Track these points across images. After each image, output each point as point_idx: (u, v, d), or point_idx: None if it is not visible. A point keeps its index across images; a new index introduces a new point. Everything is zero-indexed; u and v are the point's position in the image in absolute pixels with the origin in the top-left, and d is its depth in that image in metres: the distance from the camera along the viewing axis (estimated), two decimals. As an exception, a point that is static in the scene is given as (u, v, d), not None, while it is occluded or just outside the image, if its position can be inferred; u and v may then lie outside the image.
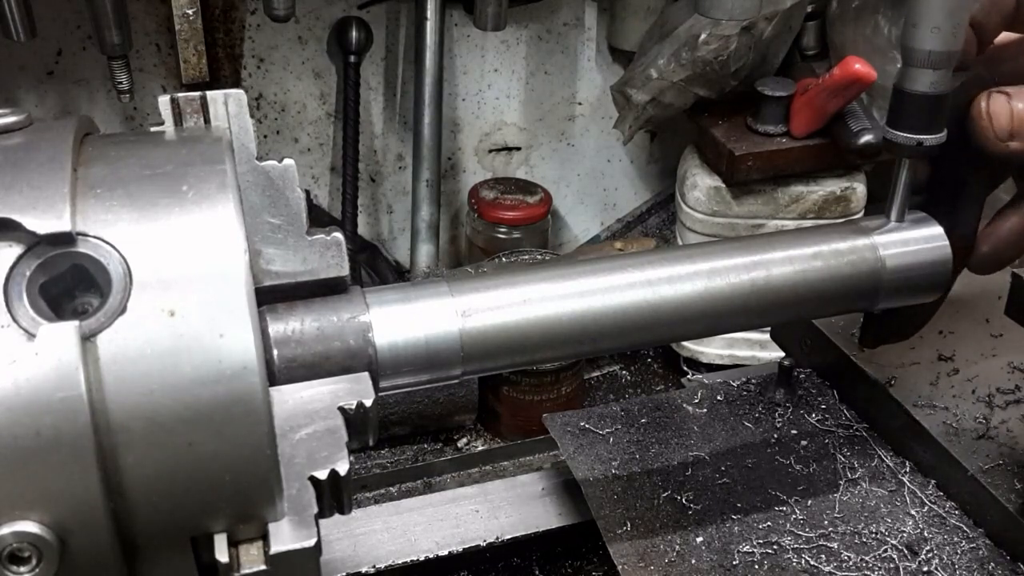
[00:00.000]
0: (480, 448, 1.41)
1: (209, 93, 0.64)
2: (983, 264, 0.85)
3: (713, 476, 0.93)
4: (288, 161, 0.65)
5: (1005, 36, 0.84)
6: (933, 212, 0.82)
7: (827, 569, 0.84)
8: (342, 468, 0.58)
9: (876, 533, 0.87)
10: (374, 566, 0.93)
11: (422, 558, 0.95)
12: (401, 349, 0.67)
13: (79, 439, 0.51)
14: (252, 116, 0.84)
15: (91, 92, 1.54)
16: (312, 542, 0.56)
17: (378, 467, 1.36)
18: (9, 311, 0.52)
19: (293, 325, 0.64)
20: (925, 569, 0.84)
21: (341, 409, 0.61)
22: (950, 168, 0.82)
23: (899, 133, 0.77)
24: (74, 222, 0.54)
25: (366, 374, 0.64)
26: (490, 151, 1.85)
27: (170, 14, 1.41)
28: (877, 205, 1.26)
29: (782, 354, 1.06)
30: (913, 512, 0.89)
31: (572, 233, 1.95)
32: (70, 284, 0.55)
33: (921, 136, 0.77)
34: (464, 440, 1.44)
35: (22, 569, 0.51)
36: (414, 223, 1.71)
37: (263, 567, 0.56)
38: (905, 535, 0.87)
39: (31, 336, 0.51)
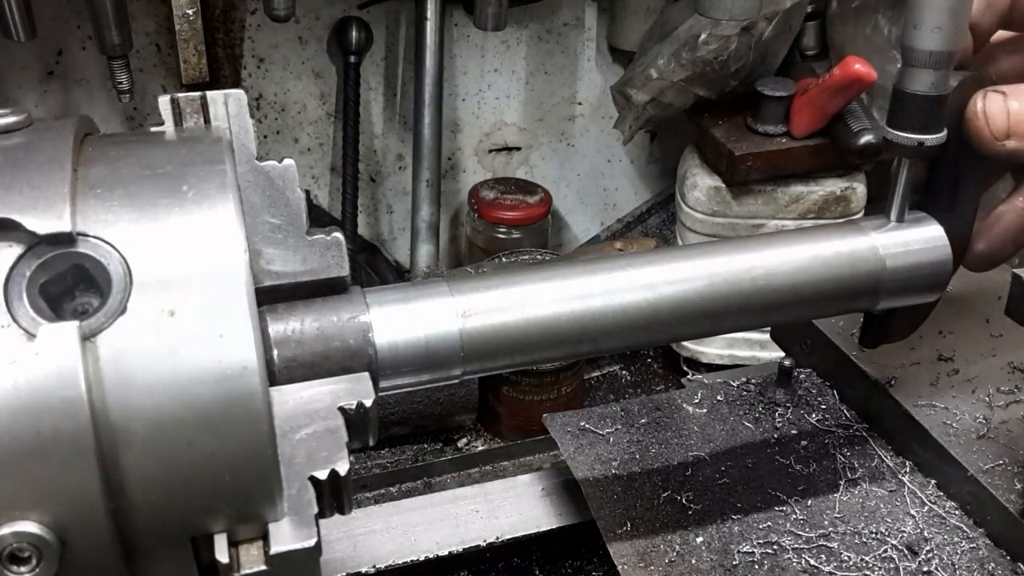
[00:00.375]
0: (480, 448, 1.41)
1: (209, 93, 0.64)
2: (979, 261, 0.85)
3: (713, 476, 0.93)
4: (288, 161, 0.65)
5: (1000, 34, 0.84)
6: (930, 210, 0.82)
7: (827, 569, 0.84)
8: (342, 468, 0.58)
9: (876, 533, 0.87)
10: (374, 566, 0.93)
11: (422, 558, 0.95)
12: (401, 349, 0.67)
13: (79, 439, 0.51)
14: (252, 116, 0.84)
15: (91, 92, 1.54)
16: (312, 542, 0.56)
17: (378, 467, 1.36)
18: (9, 311, 0.52)
19: (293, 325, 0.64)
20: (925, 569, 0.84)
21: (341, 409, 0.61)
22: (947, 167, 0.82)
23: (899, 134, 0.77)
24: (74, 222, 0.54)
25: (366, 374, 0.64)
26: (490, 151, 1.85)
27: (170, 14, 1.41)
28: (877, 205, 1.26)
29: (782, 354, 1.06)
30: (913, 512, 0.89)
31: (572, 233, 1.95)
32: (70, 284, 0.55)
33: (922, 136, 0.77)
34: (464, 440, 1.44)
35: (22, 569, 0.51)
36: (414, 223, 1.71)
37: (263, 567, 0.56)
38: (905, 535, 0.87)
39: (31, 336, 0.51)
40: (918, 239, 0.80)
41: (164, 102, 0.64)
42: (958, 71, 0.78)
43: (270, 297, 0.64)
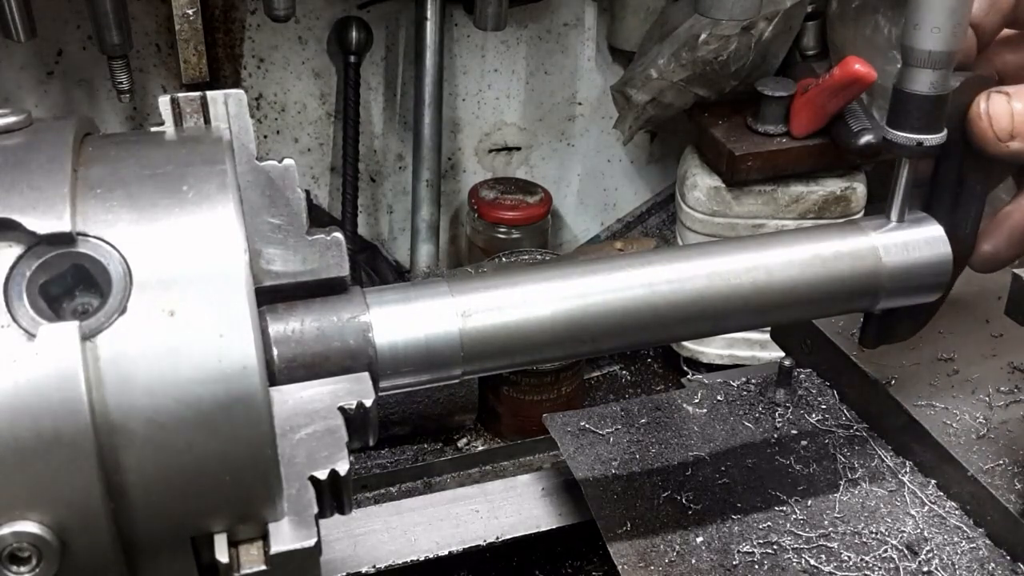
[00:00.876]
0: (480, 448, 1.41)
1: (209, 93, 0.64)
2: (985, 262, 0.85)
3: (713, 476, 0.93)
4: (288, 161, 0.65)
5: (1005, 31, 0.84)
6: (935, 210, 0.82)
7: (827, 569, 0.84)
8: (342, 468, 0.58)
9: (876, 533, 0.87)
10: (374, 566, 0.93)
11: (422, 558, 0.95)
12: (401, 349, 0.67)
13: (79, 439, 0.51)
14: (252, 116, 0.84)
15: (91, 92, 1.54)
16: (312, 542, 0.56)
17: (378, 467, 1.36)
18: (9, 311, 0.52)
19: (293, 325, 0.64)
20: (925, 569, 0.84)
21: (341, 409, 0.61)
22: (950, 167, 0.82)
23: (899, 133, 0.77)
24: (74, 222, 0.54)
25: (366, 374, 0.64)
26: (490, 151, 1.85)
27: (170, 14, 1.41)
28: (877, 205, 1.26)
29: (782, 354, 1.06)
30: (913, 512, 0.89)
31: (572, 233, 1.95)
32: (70, 284, 0.55)
33: (921, 136, 0.77)
34: (464, 440, 1.44)
35: (22, 569, 0.51)
36: (414, 223, 1.71)
37: (263, 567, 0.56)
38: (905, 535, 0.87)
39: (31, 336, 0.51)
40: (918, 239, 0.80)
41: (164, 102, 0.64)
42: (961, 71, 0.78)
43: (270, 297, 0.64)
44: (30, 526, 0.51)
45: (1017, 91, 0.77)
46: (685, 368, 1.59)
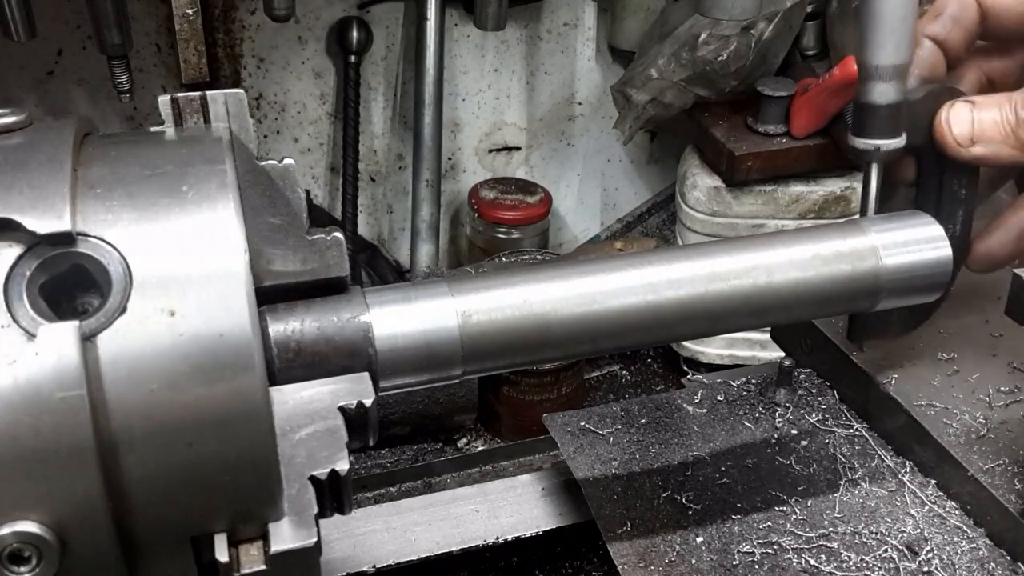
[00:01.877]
0: (480, 448, 1.41)
1: (209, 93, 0.64)
2: (980, 263, 0.87)
3: (713, 476, 0.93)
4: (288, 161, 0.65)
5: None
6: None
7: (827, 569, 0.84)
8: (342, 468, 0.58)
9: (876, 533, 0.87)
10: (374, 566, 0.93)
11: (422, 558, 0.95)
12: (401, 349, 0.67)
13: (79, 439, 0.51)
14: (252, 116, 0.84)
15: (91, 92, 1.54)
16: (312, 542, 0.56)
17: (378, 467, 1.36)
18: (9, 311, 0.52)
19: (293, 325, 0.64)
20: (925, 569, 0.84)
21: (341, 409, 0.61)
22: (932, 172, 0.87)
23: (860, 140, 0.85)
24: (74, 222, 0.54)
25: (366, 374, 0.64)
26: (490, 151, 1.85)
27: (170, 14, 1.41)
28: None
29: (782, 354, 1.06)
30: (913, 512, 0.89)
31: (572, 233, 1.96)
32: (70, 284, 0.55)
33: (879, 141, 0.84)
34: (464, 440, 1.44)
35: (22, 569, 0.51)
36: (414, 223, 1.71)
37: (263, 567, 0.56)
38: (905, 535, 0.87)
39: (31, 336, 0.51)
40: (918, 239, 0.80)
41: (164, 102, 0.64)
42: (929, 84, 0.85)
43: (270, 297, 0.64)
44: (30, 526, 0.51)
45: (982, 101, 0.82)
46: (685, 368, 1.59)
